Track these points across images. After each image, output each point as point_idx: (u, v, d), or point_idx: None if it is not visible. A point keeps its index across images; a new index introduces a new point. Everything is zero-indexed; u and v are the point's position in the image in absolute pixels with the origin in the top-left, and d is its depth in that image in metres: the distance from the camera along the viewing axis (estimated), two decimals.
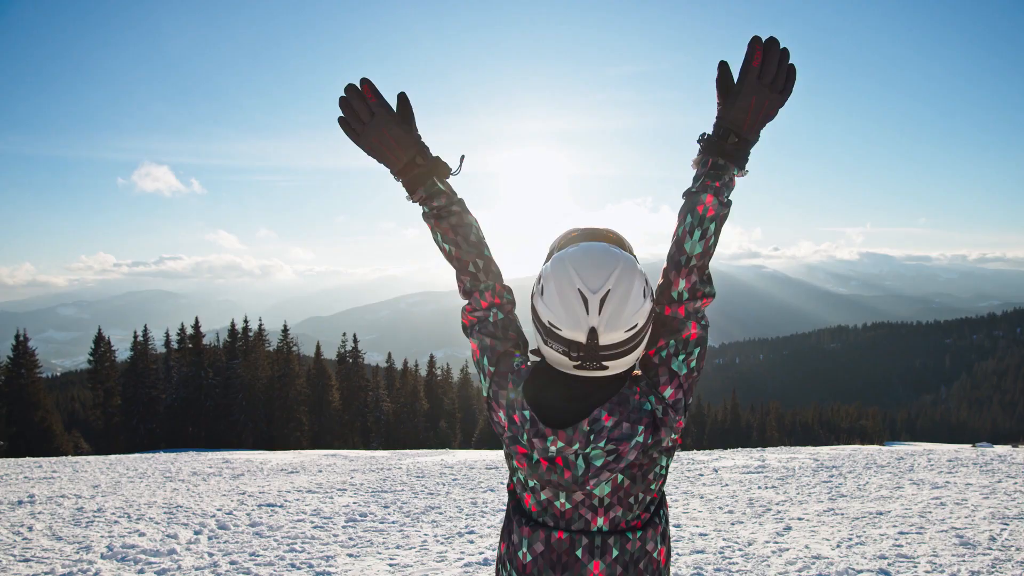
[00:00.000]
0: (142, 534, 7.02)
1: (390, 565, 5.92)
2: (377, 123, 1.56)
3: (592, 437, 1.39)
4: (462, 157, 1.67)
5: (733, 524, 7.33)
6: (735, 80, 1.47)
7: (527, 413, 1.45)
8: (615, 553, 1.49)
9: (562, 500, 1.51)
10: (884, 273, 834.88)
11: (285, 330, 51.13)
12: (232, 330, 48.76)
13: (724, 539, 6.63)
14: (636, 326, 1.40)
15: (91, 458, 17.51)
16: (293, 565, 5.90)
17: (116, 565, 5.87)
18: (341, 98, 1.56)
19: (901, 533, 6.63)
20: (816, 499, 8.66)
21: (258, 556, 6.17)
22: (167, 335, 48.22)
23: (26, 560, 6.06)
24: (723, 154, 1.49)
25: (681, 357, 1.45)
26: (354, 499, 9.62)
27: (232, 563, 5.92)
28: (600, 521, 1.50)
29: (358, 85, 1.55)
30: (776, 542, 6.47)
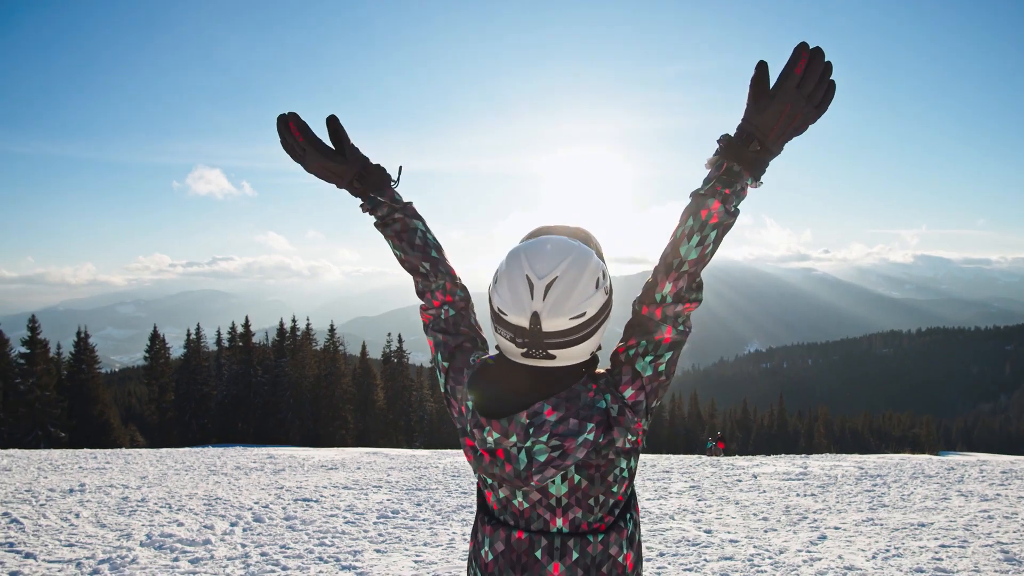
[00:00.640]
0: (180, 524, 7.25)
1: (415, 561, 5.98)
2: (310, 158, 1.65)
3: (532, 431, 1.35)
4: (399, 168, 1.74)
5: (766, 531, 7.18)
6: (771, 85, 1.37)
7: (469, 403, 1.46)
8: (575, 556, 1.45)
9: (520, 499, 1.48)
10: (940, 276, 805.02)
11: (332, 330, 52.14)
12: (280, 329, 50.02)
13: (755, 547, 6.51)
14: (584, 315, 1.37)
15: (143, 451, 18.15)
16: (321, 558, 6.01)
17: (153, 552, 6.08)
18: (278, 130, 1.65)
19: (942, 546, 6.40)
20: (856, 508, 8.42)
21: (288, 549, 6.31)
22: (219, 333, 49.74)
23: (70, 545, 6.33)
24: (740, 160, 1.39)
25: (648, 359, 1.40)
26: (388, 496, 9.75)
27: (263, 554, 6.07)
28: (559, 522, 1.47)
29: (287, 119, 1.63)
30: (809, 551, 6.32)
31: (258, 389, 47.46)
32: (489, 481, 1.50)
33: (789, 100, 1.35)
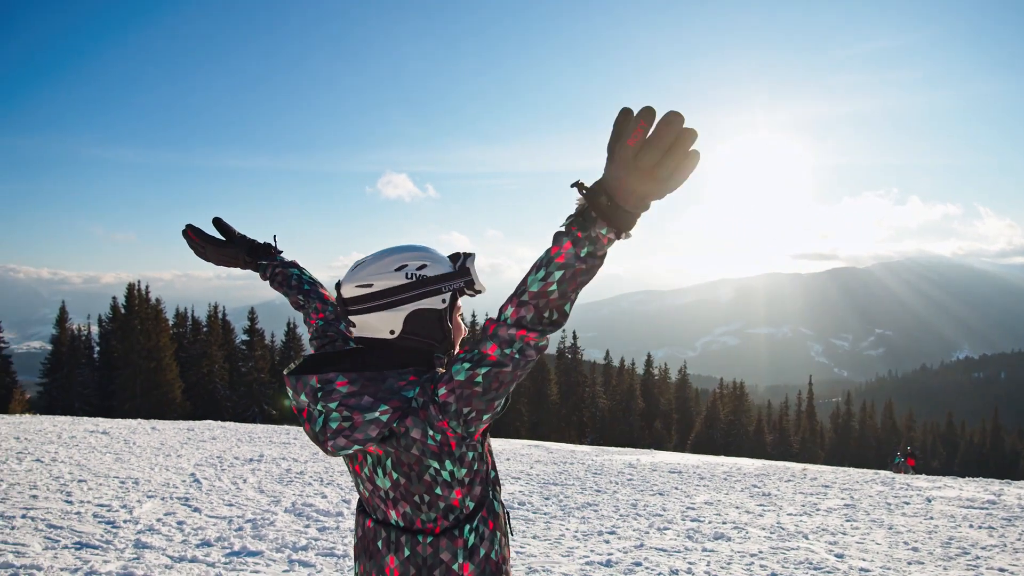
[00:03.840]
0: (324, 496, 8.04)
1: (516, 552, 6.15)
2: (208, 253, 2.14)
3: (320, 395, 1.44)
4: (275, 236, 2.22)
5: (909, 564, 6.44)
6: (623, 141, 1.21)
7: (293, 365, 1.60)
8: (407, 552, 1.52)
9: (362, 487, 1.58)
10: None
11: None
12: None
13: None
14: (371, 285, 1.56)
15: None
16: None
17: (292, 518, 6.83)
18: (184, 236, 2.15)
19: None
20: None
21: None
22: None
23: (230, 505, 7.29)
24: (595, 207, 1.27)
25: (467, 365, 1.38)
26: (522, 488, 10.03)
27: None
28: (394, 515, 1.54)
29: (185, 230, 2.14)
30: None
31: None
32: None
33: (625, 173, 1.22)
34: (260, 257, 2.16)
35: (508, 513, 1.72)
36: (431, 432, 1.42)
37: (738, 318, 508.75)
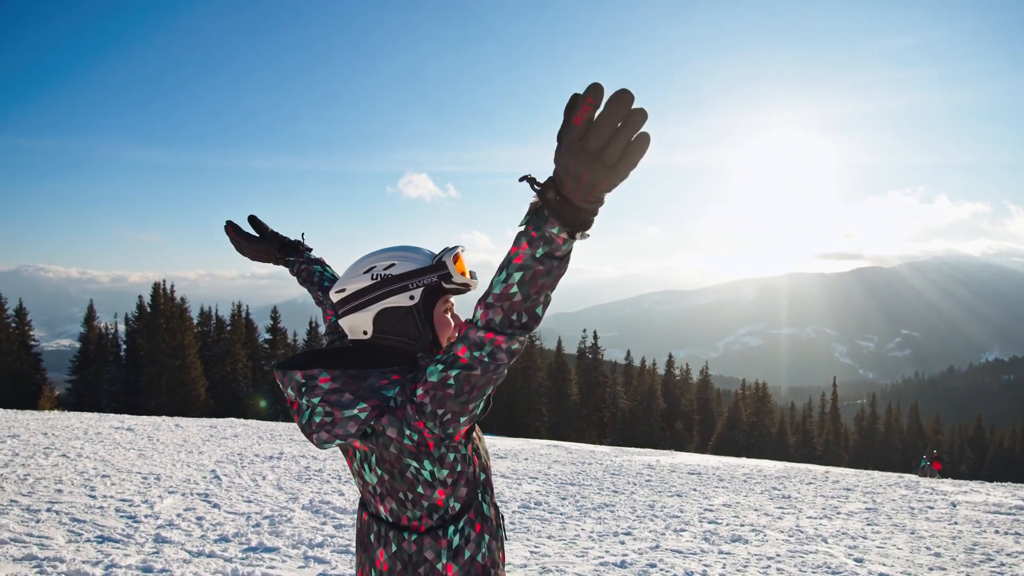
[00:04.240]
0: (342, 494, 8.10)
1: (531, 552, 6.15)
2: (244, 248, 2.28)
3: (304, 390, 1.48)
4: (303, 234, 2.34)
5: (931, 569, 6.33)
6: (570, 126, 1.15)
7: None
8: (394, 548, 1.55)
9: (356, 481, 1.63)
10: None
11: None
12: None
13: None
14: (344, 290, 1.62)
15: None
16: None
17: (309, 515, 6.89)
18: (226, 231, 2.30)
19: None
20: None
21: None
22: None
23: (249, 501, 7.38)
24: (545, 204, 1.23)
25: (440, 367, 1.40)
26: (539, 488, 10.03)
27: None
28: (383, 510, 1.57)
29: (225, 226, 2.29)
30: None
31: None
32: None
33: (571, 156, 1.15)
34: (290, 253, 2.28)
35: (502, 517, 1.71)
36: (408, 432, 1.44)
37: (761, 318, 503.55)
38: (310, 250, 2.31)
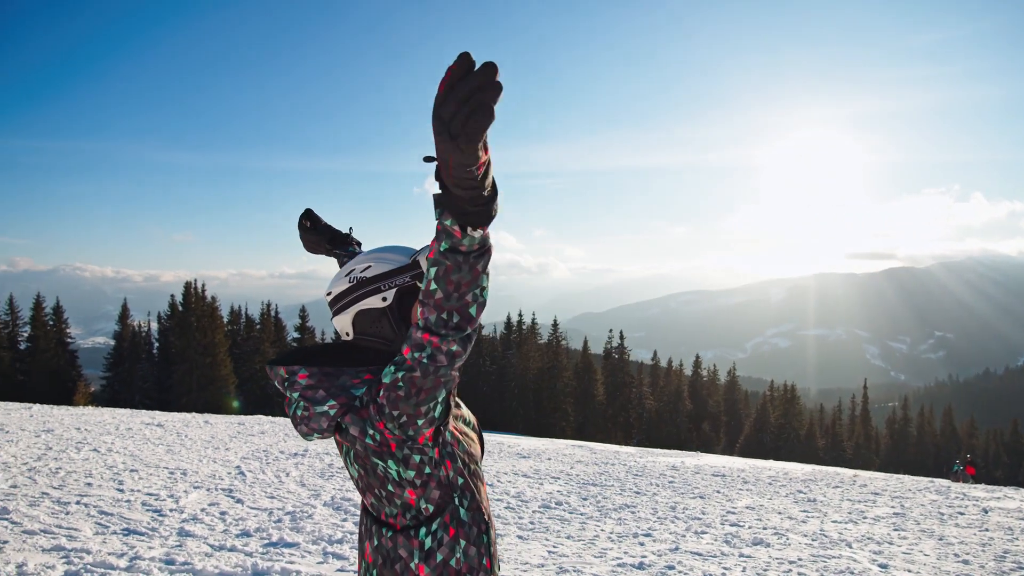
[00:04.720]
0: None
1: (549, 552, 6.14)
2: (303, 239, 2.27)
3: (286, 385, 1.55)
4: (350, 228, 2.32)
5: None
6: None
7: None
8: (376, 541, 1.58)
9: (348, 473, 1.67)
10: None
11: (555, 324, 54.03)
12: (508, 323, 53.18)
13: None
14: (330, 293, 1.68)
15: None
16: None
17: (330, 512, 6.97)
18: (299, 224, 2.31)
19: None
20: None
21: None
22: None
23: (272, 497, 7.48)
24: (435, 197, 1.20)
25: (392, 368, 1.40)
26: (560, 488, 10.01)
27: None
28: (367, 504, 1.62)
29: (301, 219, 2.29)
30: None
31: (486, 378, 50.90)
32: None
33: (434, 130, 1.08)
34: (339, 246, 2.28)
35: (489, 524, 1.65)
36: (370, 431, 1.46)
37: (790, 319, 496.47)
38: (359, 244, 2.30)
